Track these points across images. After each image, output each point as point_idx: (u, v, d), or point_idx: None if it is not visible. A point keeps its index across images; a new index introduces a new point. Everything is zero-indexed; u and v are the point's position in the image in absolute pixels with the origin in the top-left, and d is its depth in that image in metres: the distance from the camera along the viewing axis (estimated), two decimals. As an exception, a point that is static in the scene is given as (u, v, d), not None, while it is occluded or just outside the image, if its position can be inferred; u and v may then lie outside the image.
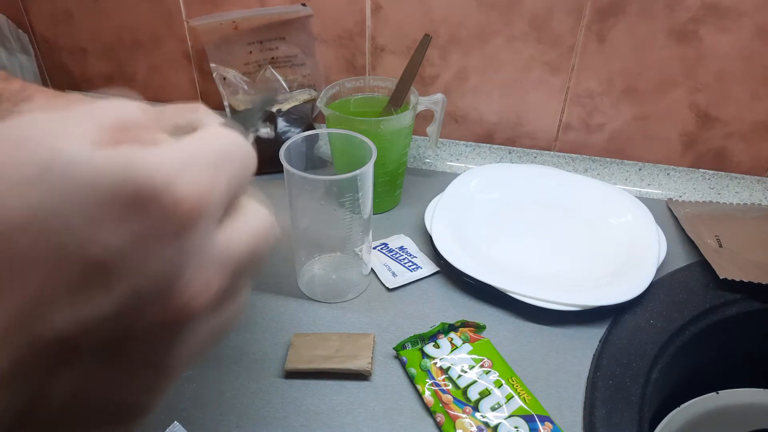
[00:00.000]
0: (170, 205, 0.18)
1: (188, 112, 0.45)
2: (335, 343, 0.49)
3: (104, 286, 0.17)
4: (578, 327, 0.52)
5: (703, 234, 0.61)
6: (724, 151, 0.70)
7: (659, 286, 0.56)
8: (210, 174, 0.19)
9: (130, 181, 0.17)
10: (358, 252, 0.55)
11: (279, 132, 0.73)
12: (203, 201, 0.19)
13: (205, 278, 0.19)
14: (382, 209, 0.67)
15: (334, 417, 0.45)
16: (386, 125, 0.60)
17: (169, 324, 0.19)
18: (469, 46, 0.70)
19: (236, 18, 0.72)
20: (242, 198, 0.22)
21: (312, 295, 0.56)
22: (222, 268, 0.20)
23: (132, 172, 0.17)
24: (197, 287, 0.19)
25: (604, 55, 0.67)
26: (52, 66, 0.88)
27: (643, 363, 0.48)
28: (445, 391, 0.45)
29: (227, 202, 0.21)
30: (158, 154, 0.18)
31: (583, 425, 0.44)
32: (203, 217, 0.19)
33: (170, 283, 0.18)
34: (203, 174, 0.19)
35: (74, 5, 0.80)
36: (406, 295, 0.56)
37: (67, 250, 0.17)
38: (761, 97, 0.65)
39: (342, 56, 0.75)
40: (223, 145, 0.21)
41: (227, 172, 0.20)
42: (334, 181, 0.48)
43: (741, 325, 0.55)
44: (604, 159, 0.73)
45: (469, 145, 0.76)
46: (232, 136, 0.22)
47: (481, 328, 0.51)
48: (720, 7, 0.61)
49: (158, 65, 0.83)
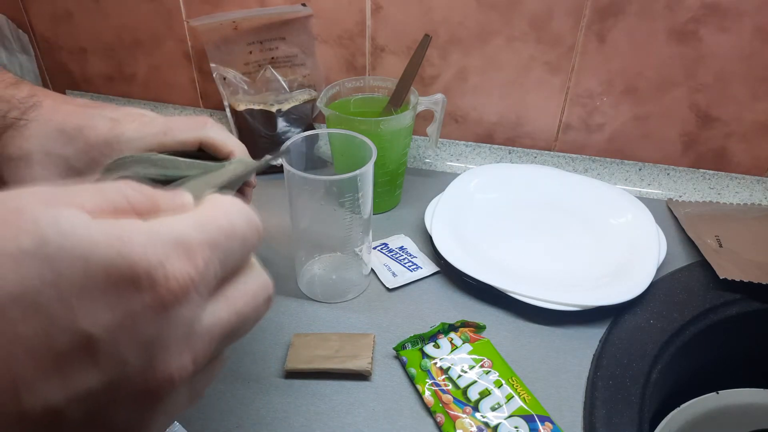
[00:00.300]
0: (162, 283, 0.18)
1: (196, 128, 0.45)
2: (335, 343, 0.49)
3: (92, 360, 0.17)
4: (578, 327, 0.52)
5: (703, 234, 0.61)
6: (724, 151, 0.70)
7: (659, 286, 0.56)
8: (207, 254, 0.19)
9: (124, 259, 0.17)
10: (358, 252, 0.55)
11: (279, 132, 0.73)
12: (195, 280, 0.19)
13: (192, 351, 0.19)
14: (382, 209, 0.67)
15: (334, 417, 0.45)
16: (386, 125, 0.60)
17: (152, 393, 0.19)
18: (469, 46, 0.70)
19: (236, 18, 0.72)
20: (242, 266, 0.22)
21: (312, 295, 0.56)
22: (209, 339, 0.20)
23: (127, 248, 0.17)
24: (182, 361, 0.19)
25: (604, 55, 0.67)
26: (52, 66, 0.88)
27: (643, 363, 0.48)
28: (445, 391, 0.45)
29: (222, 277, 0.21)
30: (155, 231, 0.18)
31: (583, 425, 0.44)
32: (194, 294, 0.19)
33: (156, 356, 0.18)
34: (200, 253, 0.19)
35: (74, 5, 0.80)
36: (406, 295, 0.56)
37: (58, 324, 0.17)
38: (761, 97, 0.65)
39: (342, 56, 0.75)
40: (229, 221, 0.21)
41: (227, 250, 0.20)
42: (334, 181, 0.48)
43: (741, 325, 0.55)
44: (604, 159, 0.73)
45: (469, 145, 0.76)
46: (240, 210, 0.22)
47: (481, 328, 0.51)
48: (720, 7, 0.61)
49: (158, 65, 0.83)
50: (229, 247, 0.21)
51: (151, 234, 0.18)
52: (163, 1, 0.77)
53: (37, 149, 0.37)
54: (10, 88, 0.38)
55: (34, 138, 0.37)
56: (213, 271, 0.20)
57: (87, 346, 0.17)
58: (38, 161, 0.38)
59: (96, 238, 0.17)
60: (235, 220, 0.21)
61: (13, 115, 0.37)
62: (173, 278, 0.18)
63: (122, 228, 0.18)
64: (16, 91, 0.38)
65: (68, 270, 0.17)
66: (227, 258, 0.21)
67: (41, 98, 0.39)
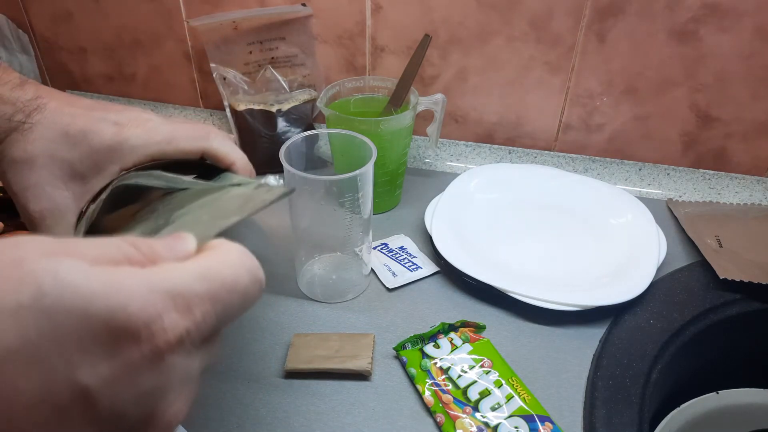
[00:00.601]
0: (160, 335, 0.18)
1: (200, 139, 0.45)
2: (335, 343, 0.49)
3: (92, 412, 0.17)
4: (578, 327, 0.52)
5: (703, 234, 0.61)
6: (724, 151, 0.70)
7: (659, 286, 0.56)
8: (206, 307, 0.20)
9: (123, 311, 0.17)
10: (358, 252, 0.55)
11: (279, 132, 0.73)
12: (192, 334, 0.19)
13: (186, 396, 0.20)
14: (382, 209, 0.67)
15: (334, 417, 0.45)
16: (386, 125, 0.60)
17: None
18: (469, 46, 0.70)
19: (236, 18, 0.72)
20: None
21: (312, 295, 0.56)
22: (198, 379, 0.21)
23: (126, 300, 0.17)
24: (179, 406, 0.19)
25: (604, 55, 0.67)
26: (52, 66, 0.88)
27: (643, 363, 0.48)
28: (445, 391, 0.45)
29: (218, 328, 0.21)
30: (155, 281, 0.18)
31: (583, 425, 0.44)
32: (190, 346, 0.19)
33: (153, 405, 0.19)
34: (199, 306, 0.19)
35: (74, 5, 0.80)
36: (406, 295, 0.56)
37: (57, 377, 0.16)
38: (761, 97, 0.65)
39: (342, 56, 0.75)
40: (233, 275, 0.21)
41: (227, 304, 0.21)
42: (334, 181, 0.48)
43: (741, 325, 0.55)
44: (604, 159, 0.73)
45: (469, 145, 0.76)
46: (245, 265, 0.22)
47: (481, 328, 0.51)
48: (720, 7, 0.61)
49: (158, 65, 0.83)
50: (229, 302, 0.21)
51: (151, 285, 0.18)
52: (163, 1, 0.77)
53: (41, 153, 0.37)
54: (16, 90, 0.38)
55: (39, 141, 0.37)
56: (210, 324, 0.20)
57: (86, 399, 0.17)
58: (42, 165, 0.38)
59: (95, 288, 0.17)
60: (239, 275, 0.21)
61: (18, 118, 0.37)
62: (171, 331, 0.18)
63: (122, 278, 0.18)
64: (21, 93, 0.38)
65: (66, 321, 0.16)
66: (226, 311, 0.21)
67: (46, 100, 0.39)
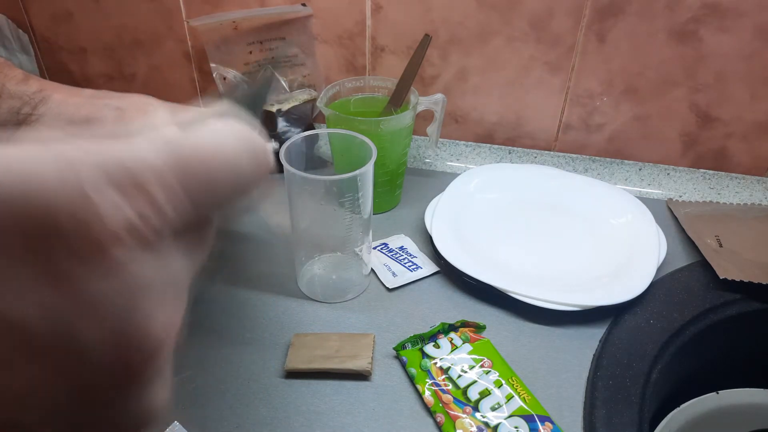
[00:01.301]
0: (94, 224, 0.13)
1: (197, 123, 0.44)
2: (335, 343, 0.49)
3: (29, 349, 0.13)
4: (578, 327, 0.52)
5: (703, 234, 0.61)
6: (724, 151, 0.70)
7: (659, 286, 0.56)
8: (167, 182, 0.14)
9: (36, 198, 0.14)
10: (358, 252, 0.55)
11: (279, 132, 0.73)
12: (151, 219, 0.14)
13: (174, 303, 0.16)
14: (382, 209, 0.67)
15: (334, 417, 0.45)
16: (386, 125, 0.60)
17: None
18: (469, 46, 0.70)
19: (236, 18, 0.72)
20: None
21: (312, 295, 0.56)
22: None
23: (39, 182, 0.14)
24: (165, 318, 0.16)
25: (604, 55, 0.67)
26: (52, 66, 0.88)
27: (643, 363, 0.48)
28: (445, 391, 0.45)
29: (201, 211, 0.16)
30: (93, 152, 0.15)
31: (583, 425, 0.44)
32: (153, 234, 0.15)
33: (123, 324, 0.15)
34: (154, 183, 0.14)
35: (74, 5, 0.80)
36: (406, 295, 0.56)
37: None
38: (761, 97, 0.65)
39: (342, 56, 0.75)
40: (211, 140, 0.16)
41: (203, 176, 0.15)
42: (334, 181, 0.48)
43: (741, 325, 0.55)
44: (604, 159, 0.73)
45: (469, 145, 0.76)
46: (233, 128, 0.17)
47: (481, 328, 0.51)
48: (720, 7, 0.61)
49: (158, 65, 0.83)
50: (208, 174, 0.14)
51: (82, 159, 0.13)
52: (163, 1, 0.77)
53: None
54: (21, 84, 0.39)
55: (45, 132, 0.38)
56: (180, 205, 0.14)
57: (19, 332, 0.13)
58: None
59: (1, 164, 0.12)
60: (222, 142, 0.15)
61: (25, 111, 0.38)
62: (112, 217, 0.13)
63: (39, 150, 0.13)
64: (26, 87, 0.39)
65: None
66: (206, 187, 0.14)
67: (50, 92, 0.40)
